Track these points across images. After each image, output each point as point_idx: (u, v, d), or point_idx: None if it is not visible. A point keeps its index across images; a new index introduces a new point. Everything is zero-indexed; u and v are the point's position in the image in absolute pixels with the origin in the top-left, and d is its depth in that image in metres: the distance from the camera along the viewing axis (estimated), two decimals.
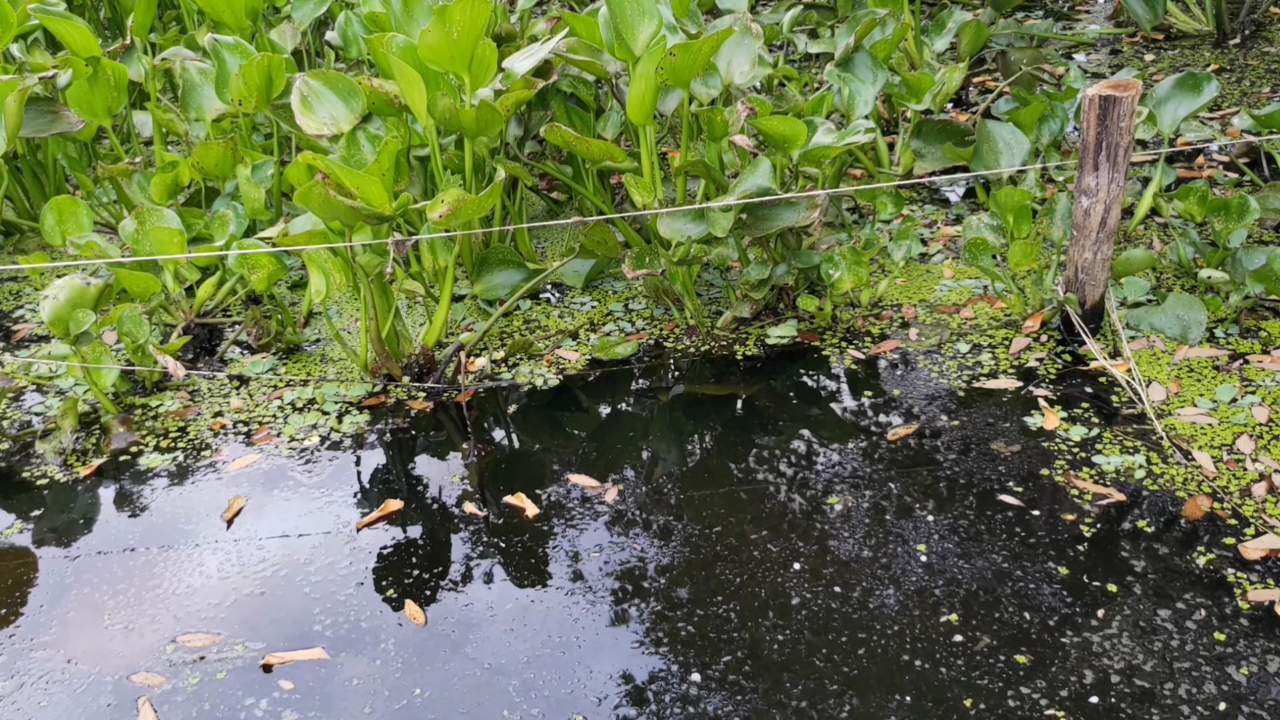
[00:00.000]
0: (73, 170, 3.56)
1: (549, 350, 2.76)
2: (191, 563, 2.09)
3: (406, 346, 2.67)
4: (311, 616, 1.91)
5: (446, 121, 2.62)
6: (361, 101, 2.66)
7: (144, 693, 1.76)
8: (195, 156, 3.03)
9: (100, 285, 2.52)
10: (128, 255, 2.78)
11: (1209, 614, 1.75)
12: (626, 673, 1.74)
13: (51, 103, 3.31)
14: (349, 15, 3.56)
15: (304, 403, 2.61)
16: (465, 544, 2.09)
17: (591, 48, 2.90)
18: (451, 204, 2.34)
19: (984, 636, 1.74)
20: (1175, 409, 2.29)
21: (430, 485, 2.29)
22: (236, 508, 2.25)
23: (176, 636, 1.88)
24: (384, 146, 2.37)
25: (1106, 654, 1.69)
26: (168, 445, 2.48)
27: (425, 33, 2.46)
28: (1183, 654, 1.68)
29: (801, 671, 1.70)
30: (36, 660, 1.85)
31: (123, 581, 2.05)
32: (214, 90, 3.13)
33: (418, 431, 2.48)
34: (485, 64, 2.60)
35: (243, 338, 2.91)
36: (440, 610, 1.91)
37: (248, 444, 2.47)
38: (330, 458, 2.40)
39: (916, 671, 1.68)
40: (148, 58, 3.58)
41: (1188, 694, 1.60)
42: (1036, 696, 1.62)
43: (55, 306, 2.44)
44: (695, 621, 1.83)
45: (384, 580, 1.99)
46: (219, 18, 3.59)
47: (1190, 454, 2.14)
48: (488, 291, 2.94)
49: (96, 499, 2.32)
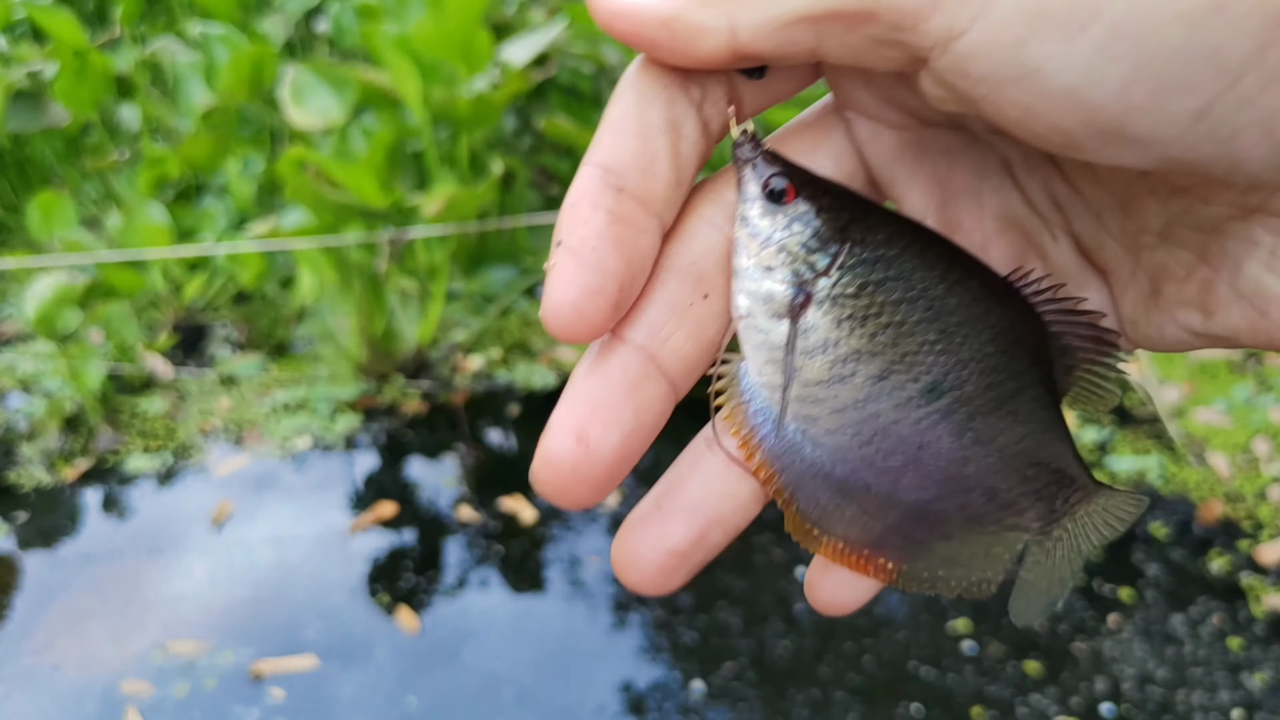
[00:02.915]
0: (59, 165, 3.50)
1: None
2: (180, 568, 2.04)
3: (400, 345, 2.62)
4: (303, 623, 1.87)
5: (441, 114, 2.56)
6: (354, 93, 2.61)
7: (131, 701, 1.72)
8: (183, 150, 2.97)
9: (86, 283, 2.47)
10: (114, 252, 2.72)
11: (1223, 620, 1.71)
12: (626, 681, 1.70)
13: (38, 96, 3.25)
14: (341, 4, 3.50)
15: (295, 403, 2.56)
16: (460, 548, 2.05)
17: (590, 37, 2.85)
18: (446, 198, 2.29)
19: (993, 643, 1.70)
20: (1190, 410, 2.25)
21: (424, 488, 2.25)
22: (226, 511, 2.20)
23: (165, 643, 1.84)
24: (376, 139, 2.32)
25: (1118, 661, 1.65)
26: (155, 447, 2.43)
27: (420, 22, 2.41)
28: (1196, 660, 1.64)
29: (806, 680, 1.66)
30: (22, 668, 1.81)
31: (109, 587, 2.00)
32: (203, 82, 3.07)
33: (411, 433, 2.44)
34: (481, 54, 2.55)
35: (232, 336, 2.86)
36: (435, 616, 1.87)
37: (237, 446, 2.42)
38: (322, 460, 2.35)
39: (924, 680, 1.65)
40: (136, 49, 3.52)
41: (1201, 702, 1.56)
42: (1046, 704, 1.58)
43: (41, 305, 2.39)
44: (697, 628, 1.79)
45: (377, 586, 1.95)
46: (208, 8, 3.53)
47: (1204, 456, 2.11)
48: (483, 289, 2.89)
49: (82, 503, 2.27)
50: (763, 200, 0.34)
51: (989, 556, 0.38)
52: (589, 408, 0.32)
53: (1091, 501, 0.38)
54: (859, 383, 0.34)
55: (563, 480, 0.32)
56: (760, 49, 0.30)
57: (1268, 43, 0.25)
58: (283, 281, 3.13)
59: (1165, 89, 0.26)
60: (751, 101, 0.34)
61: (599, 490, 0.32)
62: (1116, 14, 0.25)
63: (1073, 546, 0.39)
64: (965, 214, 0.36)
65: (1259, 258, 0.30)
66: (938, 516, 0.37)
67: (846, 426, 0.35)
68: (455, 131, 2.91)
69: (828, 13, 0.28)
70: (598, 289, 0.31)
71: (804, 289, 0.34)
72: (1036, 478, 0.37)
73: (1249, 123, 0.26)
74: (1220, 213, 0.32)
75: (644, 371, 0.33)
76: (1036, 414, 0.36)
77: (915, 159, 0.36)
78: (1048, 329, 0.36)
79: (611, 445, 0.32)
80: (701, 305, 0.34)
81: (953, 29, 0.27)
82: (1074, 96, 0.27)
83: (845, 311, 0.34)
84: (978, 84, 0.28)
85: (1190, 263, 0.33)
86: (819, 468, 0.36)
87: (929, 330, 0.34)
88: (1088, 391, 0.37)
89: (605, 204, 0.31)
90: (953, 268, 0.35)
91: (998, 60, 0.27)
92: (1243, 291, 0.31)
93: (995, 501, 0.37)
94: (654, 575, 0.35)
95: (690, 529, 0.35)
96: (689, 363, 0.34)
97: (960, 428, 0.35)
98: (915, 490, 0.36)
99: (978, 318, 0.34)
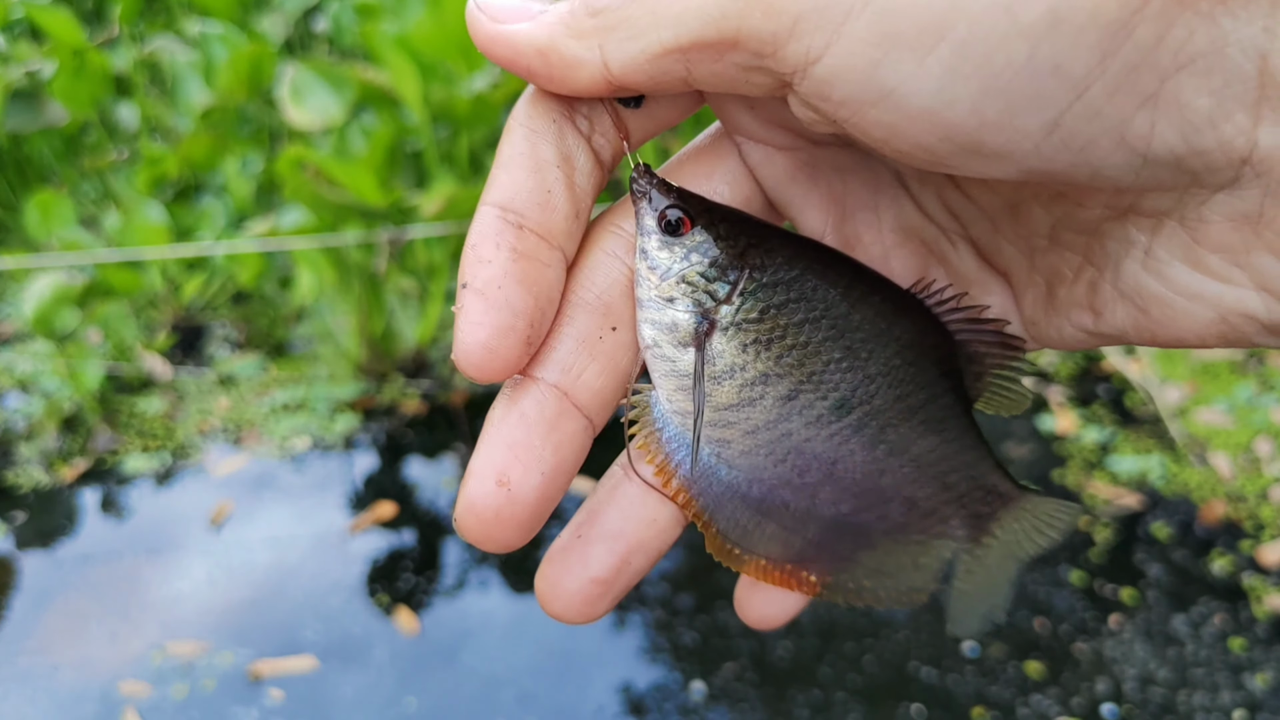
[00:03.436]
0: (57, 164, 3.49)
1: None
2: (178, 568, 2.03)
3: (399, 345, 2.61)
4: (302, 623, 1.86)
5: (440, 113, 2.56)
6: (353, 93, 2.60)
7: (130, 701, 1.71)
8: (182, 150, 2.97)
9: (85, 282, 2.46)
10: (112, 251, 2.72)
11: (1225, 621, 1.71)
12: (626, 682, 1.70)
13: (36, 95, 3.24)
14: (340, 3, 3.49)
15: (294, 403, 2.56)
16: (460, 549, 2.04)
17: None
18: (445, 198, 2.28)
19: (995, 644, 1.70)
20: (1192, 410, 2.25)
21: (423, 488, 2.24)
22: (224, 512, 2.19)
23: (163, 644, 1.83)
24: (375, 138, 2.31)
25: (1120, 661, 1.65)
26: (154, 447, 2.43)
27: (419, 21, 2.41)
28: (1198, 661, 1.63)
29: (807, 681, 1.66)
30: (20, 668, 1.80)
31: (108, 587, 1.99)
32: (201, 82, 3.07)
33: (411, 433, 2.43)
34: (480, 53, 2.54)
35: (231, 336, 2.85)
36: (434, 617, 1.86)
37: (236, 446, 2.41)
38: (321, 460, 2.35)
39: (925, 681, 1.64)
40: (134, 48, 3.52)
41: (1203, 703, 1.56)
42: (1048, 705, 1.58)
43: (39, 304, 2.38)
44: (697, 628, 1.79)
45: (376, 586, 1.95)
46: (207, 7, 3.52)
47: (1206, 457, 2.10)
48: None
49: (81, 503, 2.26)
50: (659, 233, 0.34)
51: (917, 567, 0.39)
52: (508, 450, 0.32)
53: (1018, 508, 0.38)
54: (769, 404, 0.35)
55: (487, 525, 0.32)
56: (633, 80, 0.31)
57: (1107, 54, 0.26)
58: (281, 281, 3.13)
59: (1015, 104, 0.27)
60: (641, 129, 0.35)
61: (525, 532, 0.33)
62: (960, 35, 0.26)
63: (1006, 554, 0.39)
64: (864, 228, 0.37)
65: (1135, 257, 0.31)
66: (859, 529, 0.37)
67: (760, 447, 0.36)
68: (454, 130, 2.90)
69: (693, 43, 0.29)
70: (508, 327, 0.31)
71: (707, 317, 0.34)
72: (955, 485, 0.38)
73: (1100, 132, 0.27)
74: (1097, 215, 0.32)
75: (559, 409, 0.33)
76: (948, 422, 0.37)
77: (809, 178, 0.36)
78: (954, 338, 0.36)
79: (533, 486, 0.32)
80: (611, 338, 0.34)
81: (809, 54, 0.28)
82: (931, 115, 0.27)
83: (749, 336, 0.35)
84: (839, 106, 0.28)
85: (1078, 264, 0.34)
86: (735, 489, 0.36)
87: (834, 348, 0.35)
88: (998, 395, 0.37)
89: (507, 242, 0.32)
90: (854, 285, 0.35)
91: (855, 83, 0.28)
92: (1124, 291, 0.32)
93: (915, 511, 0.38)
94: (578, 604, 0.35)
95: (612, 556, 0.35)
96: (603, 396, 0.34)
97: (872, 440, 0.36)
98: (833, 504, 0.37)
99: (882, 332, 0.35)
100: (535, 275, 0.32)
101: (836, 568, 0.38)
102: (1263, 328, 0.29)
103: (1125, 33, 0.25)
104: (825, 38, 0.27)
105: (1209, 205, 0.28)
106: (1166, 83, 0.26)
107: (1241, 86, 0.26)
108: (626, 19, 0.30)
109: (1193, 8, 0.25)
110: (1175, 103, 0.26)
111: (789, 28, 0.28)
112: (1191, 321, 0.30)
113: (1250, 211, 0.28)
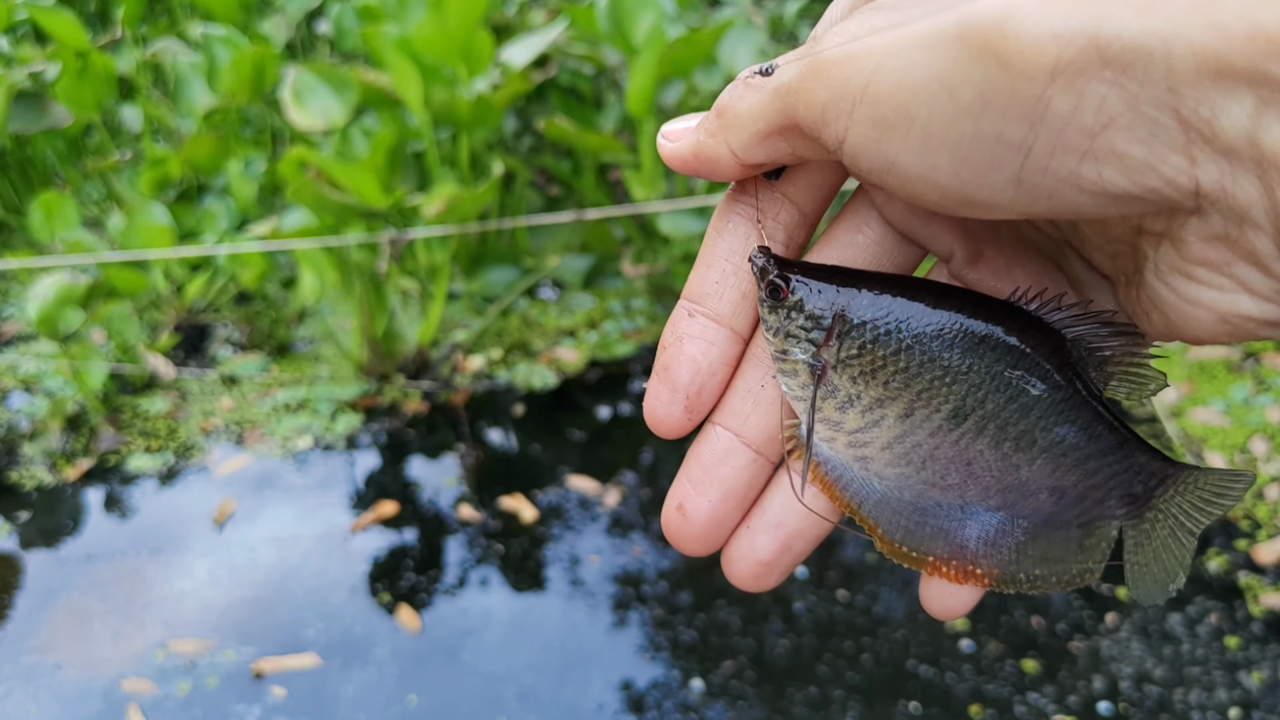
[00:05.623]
0: (61, 166, 3.51)
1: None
2: (181, 567, 2.05)
3: (401, 346, 2.62)
4: (304, 622, 1.87)
5: (442, 115, 2.57)
6: (355, 95, 2.62)
7: (133, 699, 1.72)
8: (185, 151, 2.98)
9: (89, 283, 2.47)
10: (116, 252, 2.73)
11: (1221, 619, 1.72)
12: (626, 679, 1.71)
13: (39, 97, 3.26)
14: (343, 6, 3.51)
15: (296, 403, 2.57)
16: (461, 548, 2.05)
17: (590, 39, 2.85)
18: (447, 199, 2.29)
19: (991, 641, 1.71)
20: (1188, 409, 2.26)
21: (425, 488, 2.25)
22: (227, 511, 2.20)
23: (166, 642, 1.84)
24: (377, 140, 2.33)
25: (1116, 659, 1.66)
26: (157, 447, 2.44)
27: (421, 23, 2.42)
28: (1194, 659, 1.64)
29: (805, 678, 1.67)
30: (24, 667, 1.81)
31: (111, 586, 2.01)
32: (204, 83, 3.08)
33: (412, 432, 2.44)
34: (482, 55, 2.56)
35: (234, 336, 2.87)
36: (436, 615, 1.87)
37: (239, 445, 2.43)
38: (323, 459, 2.36)
39: (922, 679, 1.65)
40: (137, 50, 3.53)
41: (1198, 700, 1.57)
42: (1044, 702, 1.59)
43: (43, 305, 2.40)
44: (696, 626, 1.80)
45: (378, 585, 1.96)
46: (209, 9, 3.53)
47: (1202, 456, 2.11)
48: (484, 289, 2.90)
49: (84, 502, 2.27)
50: (768, 299, 0.41)
51: (1084, 549, 0.43)
52: (687, 483, 0.42)
53: (1180, 482, 0.41)
54: (891, 422, 0.41)
55: (675, 540, 0.43)
56: (758, 159, 0.38)
57: (1034, 122, 0.30)
58: (284, 282, 3.14)
59: (980, 169, 0.32)
60: (810, 199, 0.42)
61: (704, 545, 0.43)
62: (922, 117, 0.32)
63: (1176, 525, 0.42)
64: (985, 244, 0.42)
65: (1150, 268, 0.35)
66: (1015, 521, 0.42)
67: (898, 459, 0.41)
68: (456, 132, 2.92)
69: (774, 129, 0.37)
70: (669, 400, 0.42)
71: (817, 360, 0.41)
72: (1100, 470, 0.41)
73: (1056, 182, 0.31)
74: (1119, 231, 0.36)
75: (729, 447, 0.42)
76: (1075, 412, 0.40)
77: (926, 212, 0.42)
78: (1063, 335, 0.39)
79: (703, 511, 0.42)
80: (770, 385, 0.43)
81: (837, 136, 0.34)
82: (924, 180, 0.33)
83: (855, 370, 0.41)
84: (868, 173, 0.35)
85: (1130, 270, 0.37)
86: (889, 497, 0.42)
87: (933, 368, 0.40)
88: (1127, 380, 0.40)
89: (680, 330, 0.42)
90: (938, 308, 0.40)
91: (871, 156, 0.34)
92: (1149, 296, 0.35)
93: (1066, 498, 0.41)
94: (750, 580, 0.43)
95: (774, 543, 0.43)
96: (768, 432, 0.43)
97: (996, 440, 0.40)
98: (982, 500, 0.41)
99: (977, 344, 0.39)
100: (698, 354, 0.41)
101: (1003, 559, 0.42)
102: (1262, 324, 0.32)
103: (1043, 104, 0.29)
104: (845, 122, 0.34)
105: (1186, 228, 0.31)
106: (1097, 139, 0.29)
107: (1167, 135, 0.29)
108: (736, 116, 0.38)
109: (1098, 77, 0.28)
110: (1112, 153, 0.29)
111: (820, 116, 0.34)
112: (1199, 323, 0.33)
113: (1218, 232, 0.31)
